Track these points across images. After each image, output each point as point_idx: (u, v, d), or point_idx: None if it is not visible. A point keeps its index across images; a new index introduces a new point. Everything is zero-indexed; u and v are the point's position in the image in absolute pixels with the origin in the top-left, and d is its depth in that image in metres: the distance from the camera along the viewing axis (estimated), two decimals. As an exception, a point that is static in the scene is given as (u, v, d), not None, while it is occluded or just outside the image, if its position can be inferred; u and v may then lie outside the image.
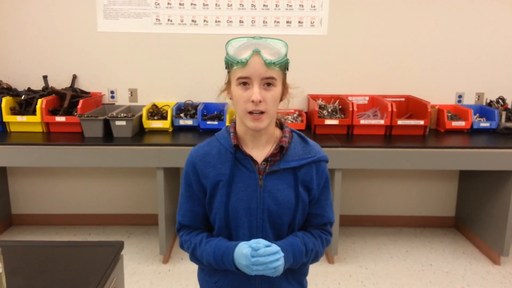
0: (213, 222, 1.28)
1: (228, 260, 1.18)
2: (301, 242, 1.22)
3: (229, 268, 1.19)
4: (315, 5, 3.22)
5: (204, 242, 1.24)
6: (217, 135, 1.29)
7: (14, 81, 3.29)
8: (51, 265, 1.34)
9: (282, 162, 1.23)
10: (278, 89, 1.19)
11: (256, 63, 1.14)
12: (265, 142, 1.25)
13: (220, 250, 1.19)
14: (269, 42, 1.19)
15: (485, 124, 3.11)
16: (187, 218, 1.29)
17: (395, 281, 2.74)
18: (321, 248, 1.29)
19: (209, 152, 1.26)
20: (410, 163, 2.77)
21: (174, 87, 3.34)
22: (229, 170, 1.22)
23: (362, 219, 3.52)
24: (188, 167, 1.27)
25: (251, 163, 1.23)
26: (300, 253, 1.21)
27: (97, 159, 2.72)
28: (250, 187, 1.22)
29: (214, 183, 1.23)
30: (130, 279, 2.71)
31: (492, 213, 2.99)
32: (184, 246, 1.30)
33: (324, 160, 1.29)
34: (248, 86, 1.16)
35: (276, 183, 1.23)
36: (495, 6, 3.24)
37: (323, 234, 1.30)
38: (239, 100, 1.17)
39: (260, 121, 1.16)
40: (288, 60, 1.20)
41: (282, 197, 1.22)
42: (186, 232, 1.30)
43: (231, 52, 1.18)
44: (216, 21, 3.22)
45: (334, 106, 3.16)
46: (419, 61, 3.33)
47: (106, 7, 3.20)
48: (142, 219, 3.48)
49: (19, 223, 3.48)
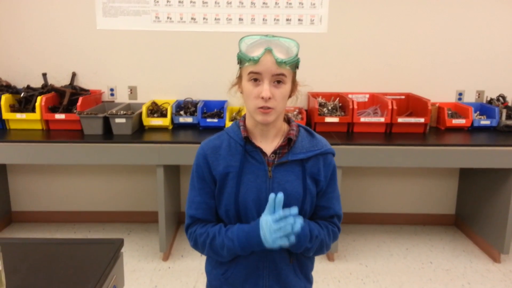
0: (221, 214, 1.28)
1: (254, 238, 1.18)
2: (306, 227, 1.23)
3: (255, 247, 1.19)
4: (315, 2, 3.22)
5: (224, 230, 1.24)
6: (227, 129, 1.32)
7: (14, 78, 3.29)
8: (51, 262, 1.34)
9: (290, 154, 1.26)
10: (287, 86, 1.21)
11: (268, 61, 1.16)
12: (274, 136, 1.28)
13: (243, 230, 1.21)
14: (281, 41, 1.21)
15: (486, 122, 3.11)
16: (201, 211, 1.28)
17: (395, 278, 2.75)
18: (327, 239, 1.29)
19: (219, 145, 1.28)
20: (411, 161, 2.77)
21: (173, 84, 3.33)
22: (239, 162, 1.25)
23: (362, 216, 3.52)
24: (199, 160, 1.29)
25: (261, 155, 1.25)
26: (304, 237, 1.22)
27: (97, 157, 2.72)
28: (260, 178, 1.24)
29: (224, 175, 1.25)
30: (130, 276, 2.72)
31: (492, 210, 2.99)
32: (199, 240, 1.27)
33: (330, 153, 1.32)
34: (258, 82, 1.19)
35: (285, 175, 1.25)
36: (495, 4, 3.23)
37: (329, 225, 1.31)
38: (250, 96, 1.20)
39: (268, 115, 1.19)
40: (299, 59, 1.22)
41: (291, 188, 1.24)
42: (200, 225, 1.28)
43: (243, 49, 1.21)
44: (215, 19, 3.21)
45: (334, 104, 3.16)
46: (420, 58, 3.32)
47: (105, 5, 3.19)
48: (142, 216, 3.48)
49: (19, 220, 3.49)
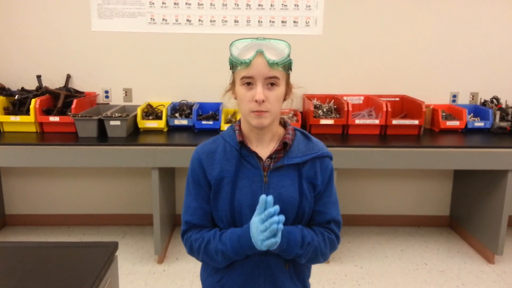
0: (217, 219, 1.27)
1: (246, 240, 1.17)
2: (299, 233, 1.22)
3: (248, 251, 1.19)
4: (310, 5, 3.23)
5: (219, 234, 1.23)
6: (222, 133, 1.31)
7: (8, 80, 3.27)
8: (45, 266, 1.33)
9: (286, 158, 1.25)
10: (281, 89, 1.20)
11: (260, 64, 1.16)
12: (269, 140, 1.27)
13: (235, 234, 1.20)
14: (272, 43, 1.20)
15: (480, 124, 3.13)
16: (196, 216, 1.27)
17: (390, 280, 2.75)
18: (322, 246, 1.26)
19: (214, 149, 1.27)
20: (405, 163, 2.78)
21: (169, 86, 3.33)
22: (234, 167, 1.24)
23: (357, 218, 3.52)
24: (194, 164, 1.28)
25: (256, 160, 1.24)
26: (295, 242, 1.20)
27: (92, 159, 2.71)
28: (255, 183, 1.23)
29: (219, 179, 1.24)
30: (124, 280, 2.71)
31: (487, 212, 3.01)
32: (195, 245, 1.26)
33: (327, 156, 1.30)
34: (252, 86, 1.18)
35: (281, 180, 1.24)
36: (490, 6, 3.26)
37: (326, 232, 1.28)
38: (243, 100, 1.19)
39: (263, 118, 1.18)
40: (291, 61, 1.22)
41: (286, 193, 1.23)
42: (195, 231, 1.28)
43: (235, 53, 1.20)
44: (211, 21, 3.21)
45: (329, 106, 3.16)
46: (414, 61, 3.34)
47: (100, 7, 3.19)
48: (137, 219, 3.46)
49: (13, 224, 3.46)
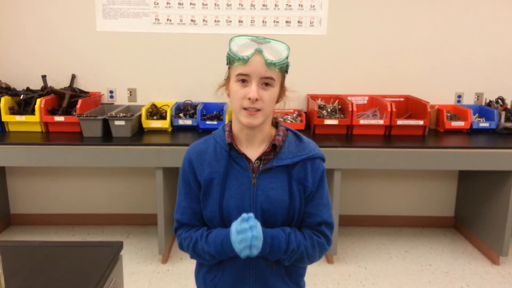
0: (206, 220, 1.28)
1: (227, 246, 1.17)
2: (284, 239, 1.19)
3: (230, 254, 1.19)
4: (314, 5, 3.22)
5: (205, 235, 1.24)
6: (214, 133, 1.31)
7: (13, 80, 3.29)
8: (50, 265, 1.34)
9: (276, 160, 1.24)
10: (275, 90, 1.20)
11: (257, 62, 1.16)
12: (260, 141, 1.26)
13: (219, 237, 1.20)
14: (272, 43, 1.20)
15: (485, 124, 3.11)
16: (186, 216, 1.29)
17: (394, 281, 2.75)
18: (310, 251, 1.23)
19: (205, 150, 1.27)
20: (410, 163, 2.77)
21: (173, 86, 3.33)
22: (224, 168, 1.23)
23: (362, 219, 3.52)
24: (185, 164, 1.29)
25: (245, 161, 1.24)
26: (278, 248, 1.19)
27: (96, 159, 2.72)
28: (244, 185, 1.23)
29: (209, 180, 1.24)
30: (129, 279, 2.71)
31: (491, 213, 2.99)
32: (184, 244, 1.28)
33: (319, 157, 1.27)
34: (246, 83, 1.17)
35: (270, 182, 1.23)
36: (495, 6, 3.24)
37: (315, 236, 1.25)
38: (236, 96, 1.18)
39: (255, 118, 1.17)
40: (288, 63, 1.22)
41: (275, 196, 1.22)
42: (185, 230, 1.29)
43: (234, 49, 1.20)
44: (215, 21, 3.22)
45: (333, 106, 3.16)
46: (419, 61, 3.33)
47: (105, 7, 3.20)
48: (141, 219, 3.47)
49: (18, 223, 3.48)
